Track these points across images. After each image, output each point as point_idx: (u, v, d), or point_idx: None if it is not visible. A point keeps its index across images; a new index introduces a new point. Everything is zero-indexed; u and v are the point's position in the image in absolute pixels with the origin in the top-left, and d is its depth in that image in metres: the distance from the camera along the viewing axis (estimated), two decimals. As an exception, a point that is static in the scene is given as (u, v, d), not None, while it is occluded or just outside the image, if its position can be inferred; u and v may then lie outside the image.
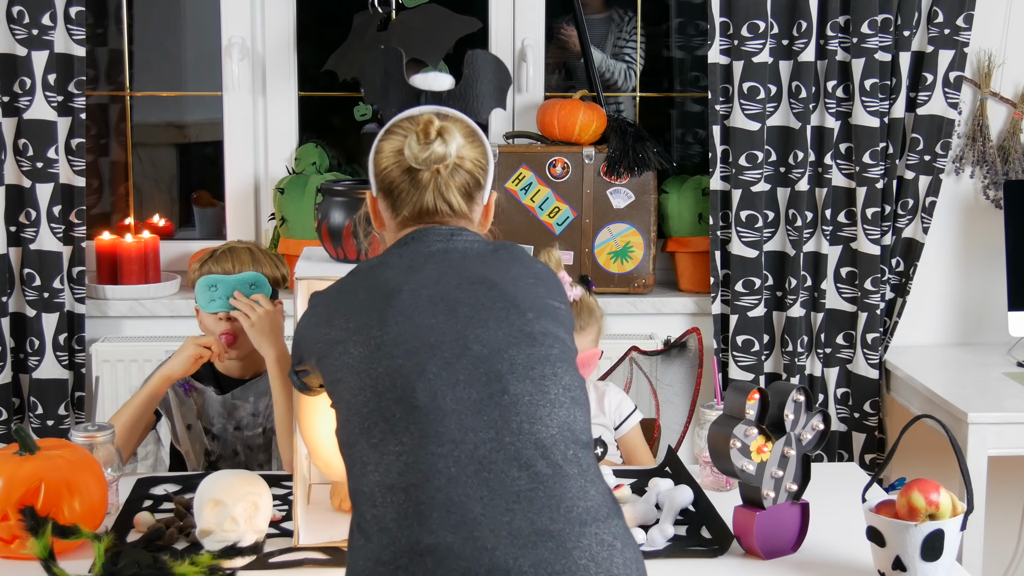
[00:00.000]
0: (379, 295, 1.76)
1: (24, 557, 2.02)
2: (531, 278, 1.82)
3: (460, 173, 1.86)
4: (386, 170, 1.88)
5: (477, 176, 1.89)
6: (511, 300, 1.76)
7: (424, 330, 1.71)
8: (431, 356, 1.69)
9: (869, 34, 3.27)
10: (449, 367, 1.68)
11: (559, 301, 1.84)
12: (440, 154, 1.84)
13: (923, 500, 1.99)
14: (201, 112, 4.30)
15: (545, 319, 1.77)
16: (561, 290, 1.87)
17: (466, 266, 1.80)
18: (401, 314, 1.73)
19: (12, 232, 3.25)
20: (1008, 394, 3.06)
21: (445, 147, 1.84)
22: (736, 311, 3.37)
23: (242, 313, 2.52)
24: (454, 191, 1.86)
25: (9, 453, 2.13)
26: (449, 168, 1.85)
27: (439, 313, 1.73)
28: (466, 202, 1.88)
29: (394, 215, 1.89)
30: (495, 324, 1.73)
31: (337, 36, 3.42)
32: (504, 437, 1.64)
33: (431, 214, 1.86)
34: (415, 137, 1.85)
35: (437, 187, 1.85)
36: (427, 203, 1.86)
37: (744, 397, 2.10)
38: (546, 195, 3.41)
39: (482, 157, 1.90)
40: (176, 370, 2.57)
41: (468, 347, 1.70)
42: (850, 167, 3.35)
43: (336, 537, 2.15)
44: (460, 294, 1.75)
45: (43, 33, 3.16)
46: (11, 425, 3.27)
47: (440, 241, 1.84)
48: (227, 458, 2.67)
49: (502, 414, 1.65)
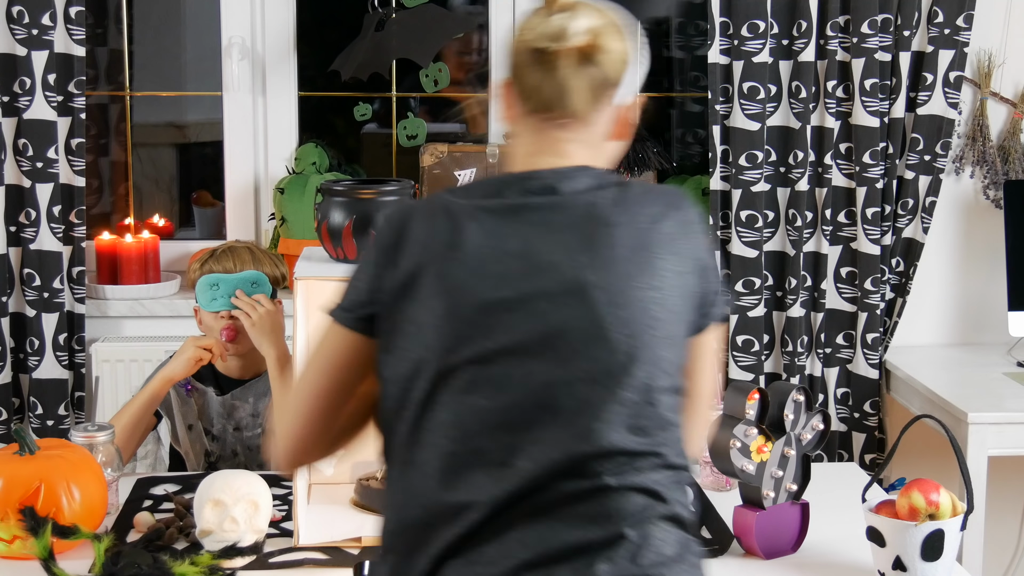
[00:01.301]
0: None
1: (24, 557, 2.02)
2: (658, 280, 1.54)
3: (587, 63, 1.57)
4: (514, 49, 1.61)
5: (608, 70, 1.58)
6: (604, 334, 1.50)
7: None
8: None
9: (869, 34, 3.27)
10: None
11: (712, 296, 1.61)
12: (560, 28, 1.56)
13: (923, 500, 1.99)
14: (201, 112, 4.29)
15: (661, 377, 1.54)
16: (714, 270, 1.63)
17: (558, 263, 1.52)
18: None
19: (12, 232, 3.25)
20: (1008, 394, 3.05)
21: (568, 22, 1.56)
22: (736, 311, 3.37)
23: (243, 312, 2.52)
24: (576, 82, 1.57)
25: (9, 453, 2.13)
26: (574, 52, 1.56)
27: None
28: (591, 101, 1.59)
29: (519, 104, 1.62)
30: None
31: (337, 36, 3.42)
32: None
33: (549, 108, 1.59)
34: (540, 12, 1.59)
35: (556, 73, 1.56)
36: (545, 92, 1.58)
37: (744, 397, 2.10)
38: (546, 195, 3.40)
39: (621, 50, 1.59)
40: (177, 372, 2.56)
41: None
42: (850, 167, 3.35)
43: (336, 537, 2.15)
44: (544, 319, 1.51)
45: (43, 33, 3.16)
46: (11, 425, 3.26)
47: (538, 200, 1.55)
48: (227, 459, 2.67)
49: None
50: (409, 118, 3.51)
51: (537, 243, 1.52)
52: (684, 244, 1.57)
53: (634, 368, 1.50)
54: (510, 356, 1.49)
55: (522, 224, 1.54)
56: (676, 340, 1.56)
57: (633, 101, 1.65)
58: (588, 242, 1.52)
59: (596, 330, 1.49)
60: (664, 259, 1.54)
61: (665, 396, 1.53)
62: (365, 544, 2.14)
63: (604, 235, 1.53)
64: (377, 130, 4.10)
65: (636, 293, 1.52)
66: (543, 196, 1.56)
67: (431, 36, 3.29)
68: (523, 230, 1.53)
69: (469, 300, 1.51)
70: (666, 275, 1.54)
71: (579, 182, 1.57)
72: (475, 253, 1.52)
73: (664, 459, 1.52)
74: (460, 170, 3.37)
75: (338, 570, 2.05)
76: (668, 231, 1.56)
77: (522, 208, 1.55)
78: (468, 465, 1.49)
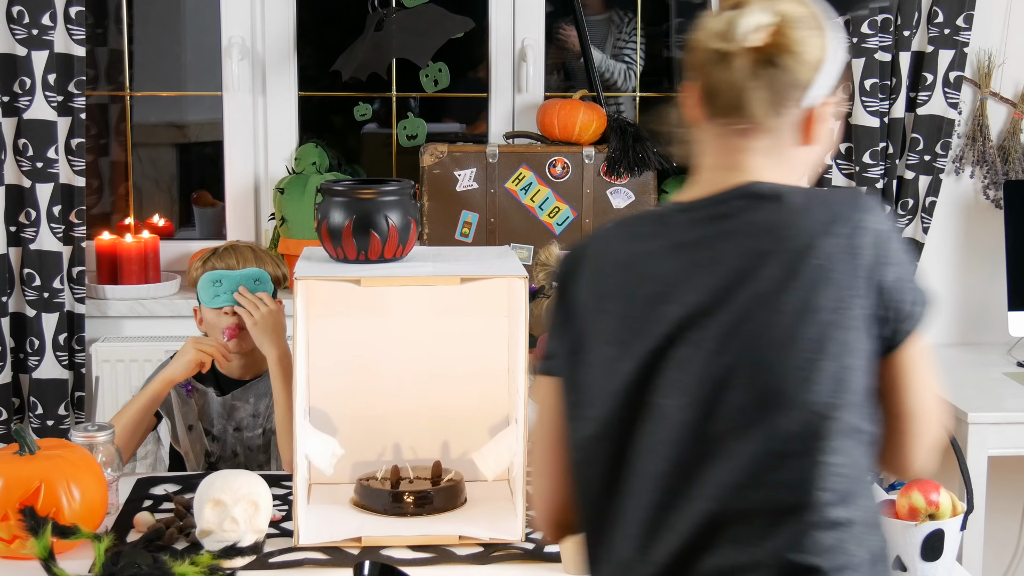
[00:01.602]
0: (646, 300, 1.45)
1: (24, 557, 2.02)
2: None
3: (767, 64, 1.42)
4: (693, 49, 1.49)
5: (793, 71, 1.43)
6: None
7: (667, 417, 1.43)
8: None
9: (869, 34, 3.27)
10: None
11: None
12: (733, 26, 1.43)
13: (923, 500, 1.99)
14: (201, 112, 4.30)
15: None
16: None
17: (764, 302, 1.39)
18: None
19: (12, 232, 3.24)
20: (1008, 394, 3.05)
21: (743, 18, 1.42)
22: (736, 311, 3.37)
23: (246, 311, 2.52)
24: (755, 86, 1.43)
25: (9, 453, 2.13)
26: (750, 53, 1.42)
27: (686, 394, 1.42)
28: (773, 106, 1.44)
29: (701, 107, 1.50)
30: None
31: (337, 36, 3.43)
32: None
33: (728, 113, 1.46)
34: (720, 8, 1.47)
35: (732, 75, 1.43)
36: (723, 97, 1.45)
37: (744, 397, 2.09)
38: (546, 195, 3.41)
39: (814, 47, 1.44)
40: (177, 374, 2.56)
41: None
42: (850, 167, 3.35)
43: (336, 537, 2.15)
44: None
45: (43, 33, 3.15)
46: (11, 425, 3.26)
47: (734, 224, 1.42)
48: (227, 459, 2.67)
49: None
50: (409, 118, 3.51)
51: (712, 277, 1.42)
52: (846, 264, 1.41)
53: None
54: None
55: (701, 253, 1.44)
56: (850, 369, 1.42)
57: (830, 102, 1.51)
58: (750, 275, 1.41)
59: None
60: (822, 290, 1.40)
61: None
62: (365, 544, 2.14)
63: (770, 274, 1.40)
64: (377, 130, 4.10)
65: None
66: (719, 224, 1.45)
67: (429, 36, 3.29)
68: (701, 260, 1.44)
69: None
70: (827, 305, 1.40)
71: (757, 213, 1.44)
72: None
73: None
74: (460, 170, 3.37)
75: (338, 570, 2.05)
76: (829, 250, 1.40)
77: (700, 241, 1.45)
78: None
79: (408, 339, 2.40)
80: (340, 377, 2.38)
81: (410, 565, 2.05)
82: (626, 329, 1.45)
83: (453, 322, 2.39)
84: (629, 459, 1.45)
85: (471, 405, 2.39)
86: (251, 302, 2.53)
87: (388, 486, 2.28)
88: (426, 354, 2.40)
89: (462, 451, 2.40)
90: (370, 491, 2.28)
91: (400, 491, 2.26)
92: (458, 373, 2.39)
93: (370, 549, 2.12)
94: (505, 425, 2.36)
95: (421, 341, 2.40)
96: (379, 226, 2.18)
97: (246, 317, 2.53)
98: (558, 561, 2.06)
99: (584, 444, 1.49)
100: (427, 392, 2.40)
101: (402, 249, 2.23)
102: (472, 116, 4.13)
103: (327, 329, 2.35)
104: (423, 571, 2.05)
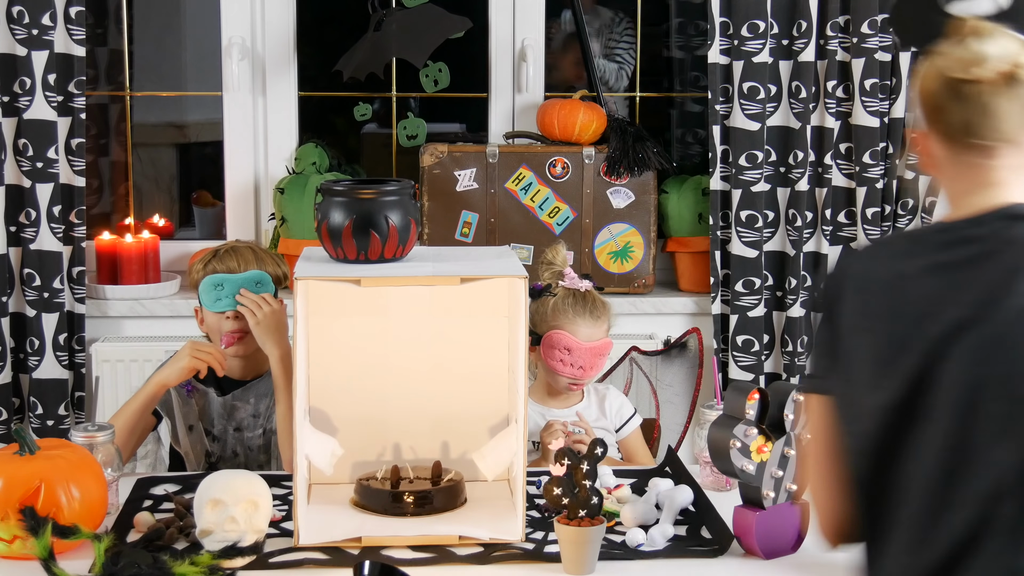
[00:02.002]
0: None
1: (24, 557, 2.02)
2: None
3: (1014, 84, 1.51)
4: (925, 88, 1.57)
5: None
6: None
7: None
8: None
9: (869, 34, 3.27)
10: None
11: None
12: (978, 54, 1.52)
13: (923, 500, 1.99)
14: (201, 112, 4.30)
15: None
16: None
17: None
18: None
19: (12, 232, 3.25)
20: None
21: (984, 46, 1.53)
22: (736, 311, 3.37)
23: (248, 311, 2.52)
24: (1005, 106, 1.52)
25: (9, 453, 2.13)
26: (999, 77, 1.51)
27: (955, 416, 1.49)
28: (1021, 124, 1.53)
29: (942, 143, 1.57)
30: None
31: (337, 36, 3.43)
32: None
33: (974, 135, 1.54)
34: (950, 42, 1.56)
35: (980, 99, 1.52)
36: (969, 121, 1.53)
37: (744, 397, 2.10)
38: (546, 195, 3.41)
39: None
40: (171, 379, 2.55)
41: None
42: (850, 167, 3.35)
43: (336, 537, 2.15)
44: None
45: (43, 33, 3.16)
46: (11, 425, 3.27)
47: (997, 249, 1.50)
48: (227, 459, 2.67)
49: None
50: (409, 118, 3.51)
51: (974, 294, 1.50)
52: None
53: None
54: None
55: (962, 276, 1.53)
56: None
57: None
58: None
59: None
60: None
61: None
62: (365, 544, 2.14)
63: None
64: (377, 130, 4.11)
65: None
66: (978, 245, 1.53)
67: (427, 36, 3.29)
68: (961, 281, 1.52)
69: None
70: None
71: (1012, 231, 1.52)
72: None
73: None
74: (460, 170, 3.38)
75: (338, 570, 2.05)
76: None
77: (961, 261, 1.53)
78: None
79: (408, 339, 2.40)
80: (340, 377, 2.38)
81: (410, 565, 2.05)
82: (891, 346, 1.54)
83: (453, 322, 2.39)
84: (898, 471, 1.54)
85: (471, 405, 2.39)
86: (254, 302, 2.53)
87: (388, 486, 2.28)
88: (426, 354, 2.40)
89: (462, 451, 2.40)
90: (370, 491, 2.28)
91: (400, 491, 2.26)
92: (458, 373, 2.39)
93: (370, 549, 2.12)
94: (505, 425, 2.36)
95: (421, 341, 2.40)
96: (379, 226, 2.18)
97: (249, 317, 2.53)
98: (558, 561, 2.06)
99: (855, 458, 1.58)
100: (427, 392, 2.40)
101: (402, 249, 2.23)
102: (472, 116, 4.13)
103: (327, 329, 2.35)
104: (423, 571, 2.05)
